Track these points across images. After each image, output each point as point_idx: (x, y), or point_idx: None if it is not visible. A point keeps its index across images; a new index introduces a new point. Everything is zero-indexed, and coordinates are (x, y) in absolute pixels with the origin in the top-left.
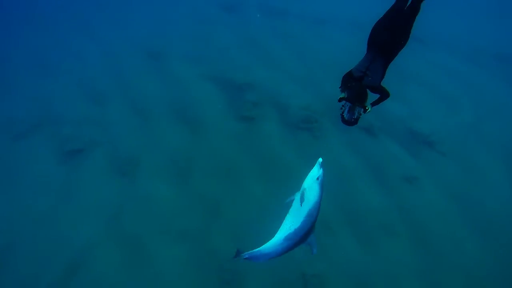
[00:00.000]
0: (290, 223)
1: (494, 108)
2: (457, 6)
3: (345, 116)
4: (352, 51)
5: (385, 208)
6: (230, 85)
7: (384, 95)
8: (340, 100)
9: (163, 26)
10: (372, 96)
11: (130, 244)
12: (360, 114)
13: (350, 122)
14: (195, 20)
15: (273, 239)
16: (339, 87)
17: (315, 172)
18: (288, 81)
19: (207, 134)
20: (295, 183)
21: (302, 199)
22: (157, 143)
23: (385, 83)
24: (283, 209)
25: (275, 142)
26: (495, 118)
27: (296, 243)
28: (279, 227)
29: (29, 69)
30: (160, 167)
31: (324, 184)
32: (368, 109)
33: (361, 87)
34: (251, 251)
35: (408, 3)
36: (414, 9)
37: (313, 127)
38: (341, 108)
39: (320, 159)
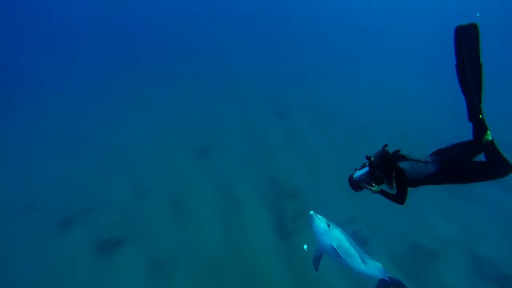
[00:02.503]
0: (357, 261)
1: None
2: None
3: (354, 174)
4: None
5: None
6: (273, 190)
7: (400, 196)
8: (366, 157)
9: (211, 121)
10: None
11: None
12: (365, 187)
13: (353, 183)
14: (244, 119)
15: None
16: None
17: (320, 226)
18: (334, 190)
19: (245, 241)
20: None
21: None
22: (193, 245)
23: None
24: None
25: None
26: None
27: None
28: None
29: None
30: (194, 270)
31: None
32: (374, 187)
33: (391, 164)
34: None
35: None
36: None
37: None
38: (362, 165)
39: (311, 212)
